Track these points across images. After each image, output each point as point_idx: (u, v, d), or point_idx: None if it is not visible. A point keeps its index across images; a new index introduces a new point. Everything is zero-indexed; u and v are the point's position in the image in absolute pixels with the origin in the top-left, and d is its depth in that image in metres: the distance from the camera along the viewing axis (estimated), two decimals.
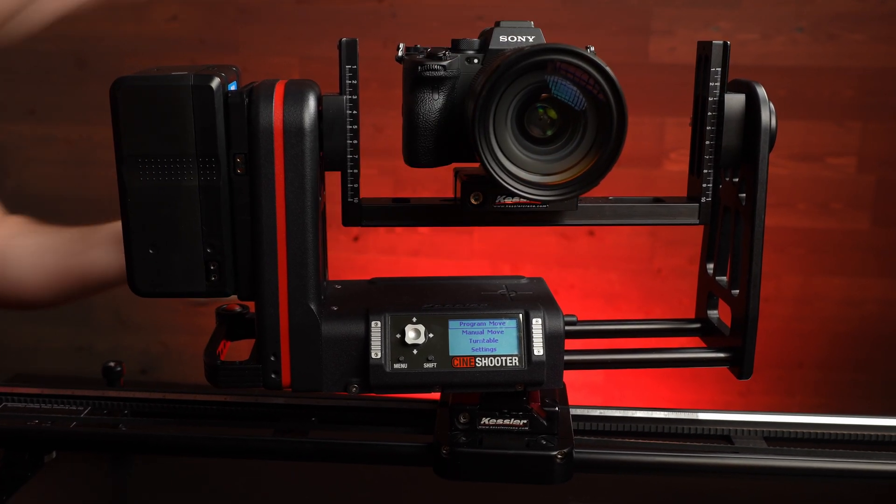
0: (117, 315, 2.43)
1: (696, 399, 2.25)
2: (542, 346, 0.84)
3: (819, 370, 2.27)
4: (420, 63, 0.83)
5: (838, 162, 2.14)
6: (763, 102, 0.83)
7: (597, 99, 0.75)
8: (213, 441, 0.96)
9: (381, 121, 2.10)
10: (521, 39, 0.83)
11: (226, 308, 0.97)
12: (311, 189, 0.80)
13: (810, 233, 2.18)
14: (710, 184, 0.88)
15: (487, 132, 0.75)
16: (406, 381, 0.84)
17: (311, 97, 0.79)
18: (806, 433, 1.02)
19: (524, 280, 0.97)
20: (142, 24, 2.23)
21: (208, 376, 0.86)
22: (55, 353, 2.49)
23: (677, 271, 2.21)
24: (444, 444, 0.89)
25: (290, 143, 0.78)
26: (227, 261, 0.82)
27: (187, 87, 0.77)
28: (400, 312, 0.85)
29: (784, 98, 2.08)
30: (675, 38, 2.09)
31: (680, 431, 1.01)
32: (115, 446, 1.02)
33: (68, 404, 1.05)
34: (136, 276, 0.82)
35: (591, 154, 0.77)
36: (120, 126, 0.78)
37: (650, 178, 2.16)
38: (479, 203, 0.83)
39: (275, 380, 0.84)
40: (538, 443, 0.89)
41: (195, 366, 0.91)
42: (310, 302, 0.82)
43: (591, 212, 0.88)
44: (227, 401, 1.05)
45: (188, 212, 0.80)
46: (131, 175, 0.79)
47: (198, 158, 0.79)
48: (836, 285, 2.22)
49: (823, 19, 2.06)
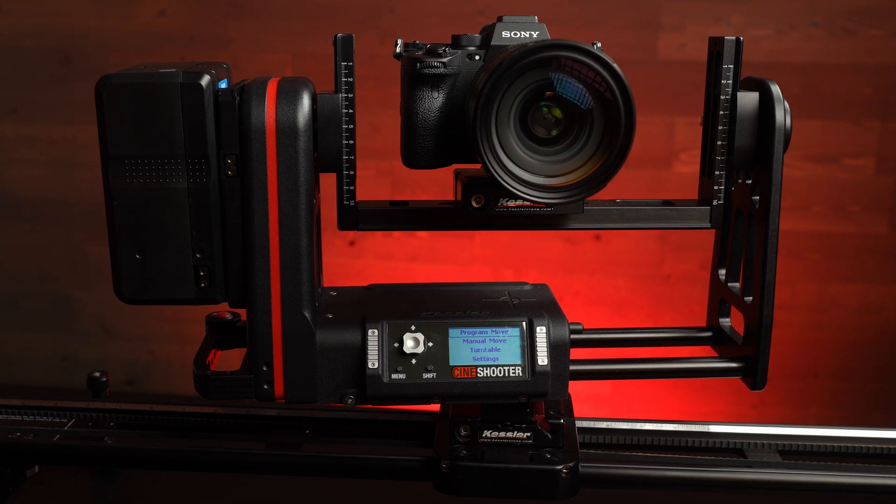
0: (102, 323, 2.43)
1: (707, 411, 2.25)
2: (546, 355, 0.84)
3: (836, 380, 2.27)
4: (419, 60, 0.83)
5: (856, 163, 2.14)
6: (777, 101, 0.83)
7: (604, 97, 0.75)
8: (202, 455, 0.96)
9: (378, 120, 2.10)
10: (524, 35, 0.83)
11: (216, 316, 0.97)
12: (304, 191, 0.80)
13: (827, 237, 2.18)
14: (722, 186, 0.88)
15: (489, 132, 0.75)
16: (404, 392, 0.84)
17: (305, 95, 0.79)
18: (822, 446, 1.02)
19: (528, 286, 0.97)
20: (128, 19, 2.23)
21: (198, 387, 0.86)
22: (37, 363, 2.49)
23: (688, 277, 2.21)
24: (444, 458, 0.89)
25: (283, 144, 0.78)
26: (217, 266, 0.82)
27: (176, 85, 0.77)
28: (398, 320, 0.85)
29: (799, 96, 2.08)
30: (685, 33, 2.09)
31: (690, 445, 1.01)
32: (100, 460, 1.02)
33: (51, 416, 1.05)
34: (122, 283, 0.82)
35: (598, 155, 0.77)
36: (105, 126, 0.78)
37: (659, 179, 2.16)
38: (481, 206, 0.83)
39: (267, 391, 0.84)
40: (542, 456, 0.89)
41: (184, 376, 0.91)
42: (304, 309, 0.82)
43: (598, 215, 0.88)
44: (217, 413, 1.05)
45: (177, 215, 0.80)
46: (117, 177, 0.79)
47: (187, 160, 0.79)
48: (854, 292, 2.21)
49: (840, 13, 2.06)
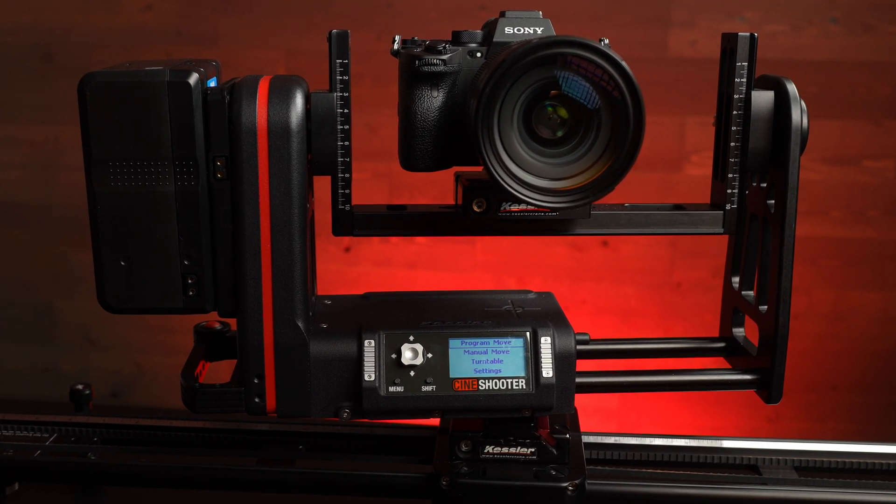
0: (86, 333, 2.42)
1: (719, 425, 2.25)
2: (551, 367, 0.84)
3: (854, 393, 2.27)
4: (418, 57, 0.83)
5: (876, 165, 2.14)
6: (793, 100, 0.84)
7: (611, 96, 0.75)
8: (190, 472, 0.96)
9: (374, 120, 2.11)
10: (528, 31, 0.83)
11: (205, 325, 0.97)
12: (298, 195, 0.80)
13: (845, 243, 2.18)
14: (736, 189, 0.88)
15: (492, 133, 0.75)
16: (402, 406, 0.84)
17: (299, 94, 0.80)
18: (840, 462, 1.02)
19: (532, 295, 0.97)
20: (113, 14, 2.23)
21: (185, 400, 0.86)
22: (17, 375, 2.48)
23: (699, 285, 2.21)
24: (444, 475, 0.89)
25: (275, 145, 0.78)
26: (206, 274, 0.82)
27: (162, 84, 0.77)
28: (396, 330, 0.85)
29: (816, 95, 2.08)
30: (696, 29, 2.10)
31: (702, 461, 1.01)
32: (84, 477, 1.02)
33: (32, 431, 1.05)
34: (106, 291, 0.82)
35: (605, 157, 0.77)
36: (89, 126, 0.78)
37: (670, 183, 2.16)
38: (483, 210, 0.83)
39: (258, 404, 0.84)
40: (547, 473, 0.88)
41: (171, 389, 0.91)
42: (297, 319, 0.82)
43: (605, 220, 0.89)
44: (206, 427, 1.05)
45: (163, 220, 0.80)
46: (101, 180, 0.79)
47: (174, 162, 0.79)
48: (874, 300, 2.21)
49: (859, 9, 2.06)
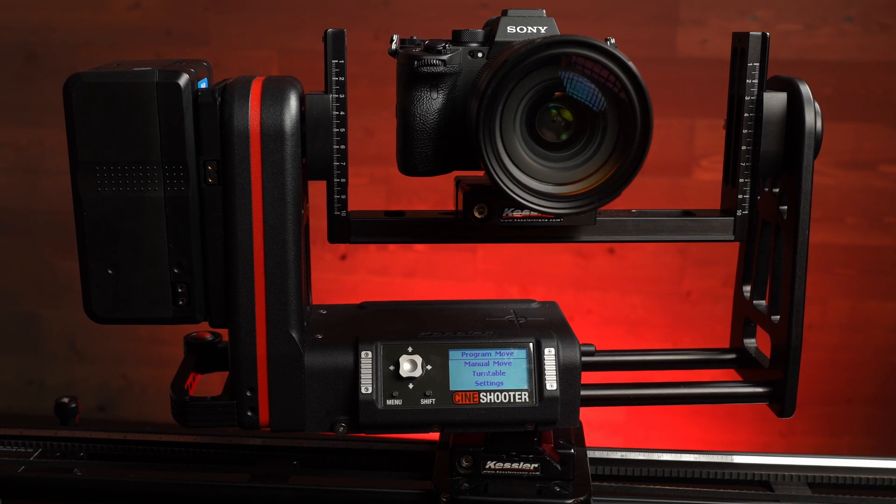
0: (72, 344, 2.42)
1: (730, 440, 2.25)
2: (555, 379, 0.84)
3: (871, 407, 2.27)
4: (417, 57, 0.83)
5: (893, 170, 2.14)
6: (807, 102, 0.84)
7: (618, 98, 0.75)
8: (181, 487, 0.96)
9: (372, 123, 2.11)
10: (531, 30, 0.83)
11: (195, 336, 0.97)
12: (292, 201, 0.80)
13: (861, 250, 2.19)
14: (747, 195, 0.88)
15: (493, 136, 0.76)
16: (400, 420, 0.84)
17: (293, 96, 0.80)
18: (855, 479, 1.02)
19: (535, 304, 0.97)
20: (99, 12, 2.23)
21: (175, 414, 0.86)
22: (1, 388, 2.49)
23: (709, 294, 2.21)
24: (444, 492, 0.88)
25: (268, 149, 0.79)
26: (196, 282, 0.82)
27: (151, 85, 0.77)
28: (393, 341, 0.85)
29: (831, 97, 2.08)
30: (706, 28, 2.10)
31: (712, 476, 1.01)
32: (70, 493, 1.01)
33: (16, 446, 1.05)
34: (93, 301, 0.82)
35: (612, 161, 0.77)
36: (75, 129, 0.78)
37: (678, 188, 2.16)
38: (484, 217, 0.83)
39: (251, 418, 0.84)
40: (551, 490, 0.88)
41: (160, 402, 0.91)
42: (291, 329, 0.82)
43: (612, 226, 0.89)
44: (196, 442, 1.04)
45: (152, 227, 0.80)
46: (88, 185, 0.79)
47: (163, 166, 0.79)
48: (891, 310, 2.21)
49: (875, 7, 2.07)
